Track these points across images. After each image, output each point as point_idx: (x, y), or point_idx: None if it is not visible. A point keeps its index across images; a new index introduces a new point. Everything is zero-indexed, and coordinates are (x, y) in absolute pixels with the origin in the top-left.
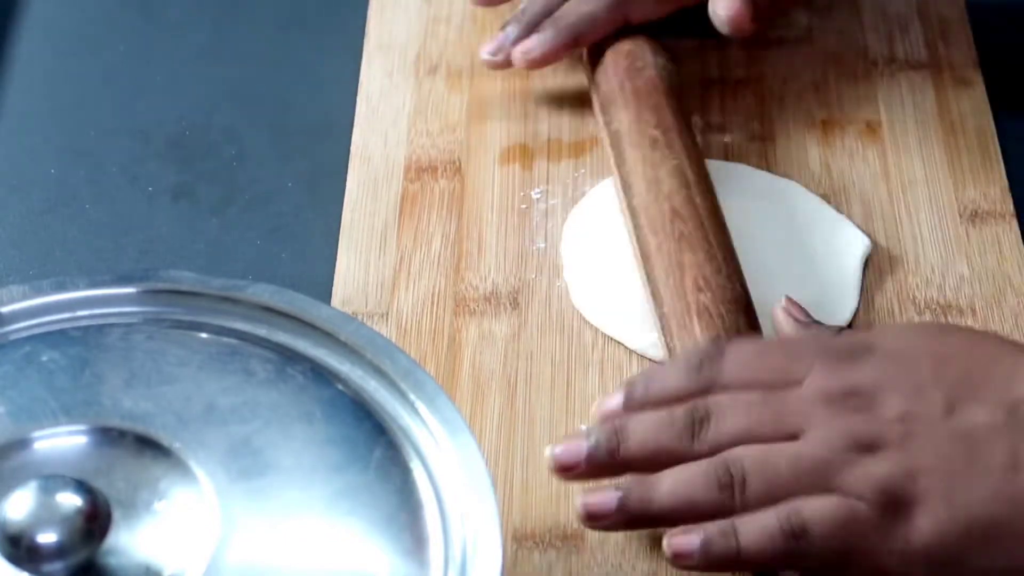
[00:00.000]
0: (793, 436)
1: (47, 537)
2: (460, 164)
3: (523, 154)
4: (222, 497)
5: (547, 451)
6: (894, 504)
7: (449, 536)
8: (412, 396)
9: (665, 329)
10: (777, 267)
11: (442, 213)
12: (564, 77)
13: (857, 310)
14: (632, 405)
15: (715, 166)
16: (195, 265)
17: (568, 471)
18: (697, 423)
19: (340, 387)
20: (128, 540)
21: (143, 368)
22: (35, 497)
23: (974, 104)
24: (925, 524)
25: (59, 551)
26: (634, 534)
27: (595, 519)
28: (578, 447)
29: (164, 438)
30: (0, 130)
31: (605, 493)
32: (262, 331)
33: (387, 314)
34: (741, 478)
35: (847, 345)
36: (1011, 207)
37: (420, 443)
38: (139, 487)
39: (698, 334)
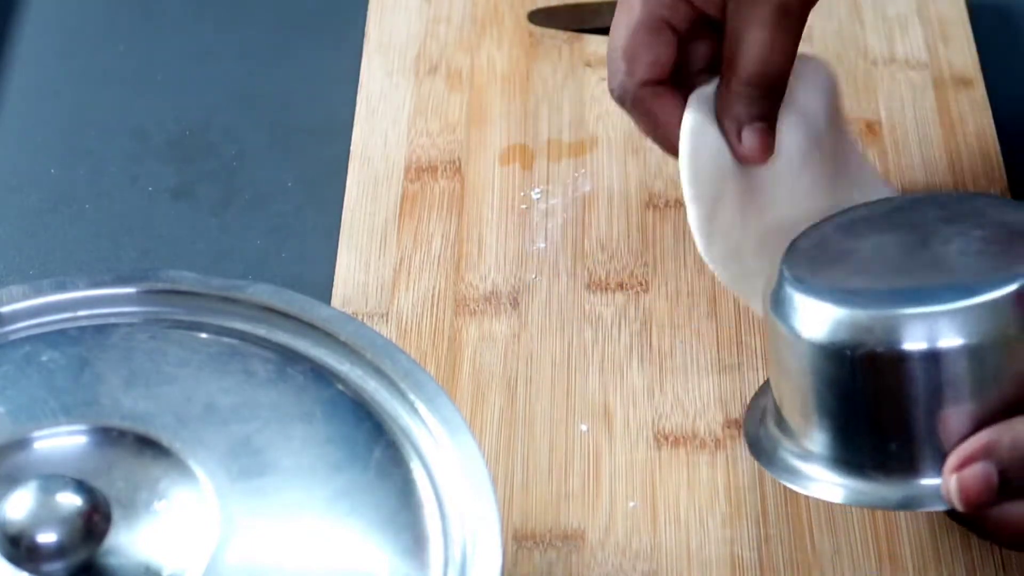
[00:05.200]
0: None
1: (47, 537)
2: (460, 164)
3: (523, 154)
4: (222, 497)
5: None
6: None
7: (449, 536)
8: (412, 396)
9: None
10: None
11: (442, 213)
12: (564, 77)
13: None
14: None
15: None
16: (195, 265)
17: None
18: None
19: (340, 387)
20: (128, 540)
21: (143, 368)
22: (35, 497)
23: (974, 104)
24: None
25: (59, 551)
26: (634, 535)
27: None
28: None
29: (164, 438)
30: (0, 130)
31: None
32: (262, 331)
33: (387, 314)
34: None
35: None
36: None
37: (420, 443)
38: (139, 487)
39: None
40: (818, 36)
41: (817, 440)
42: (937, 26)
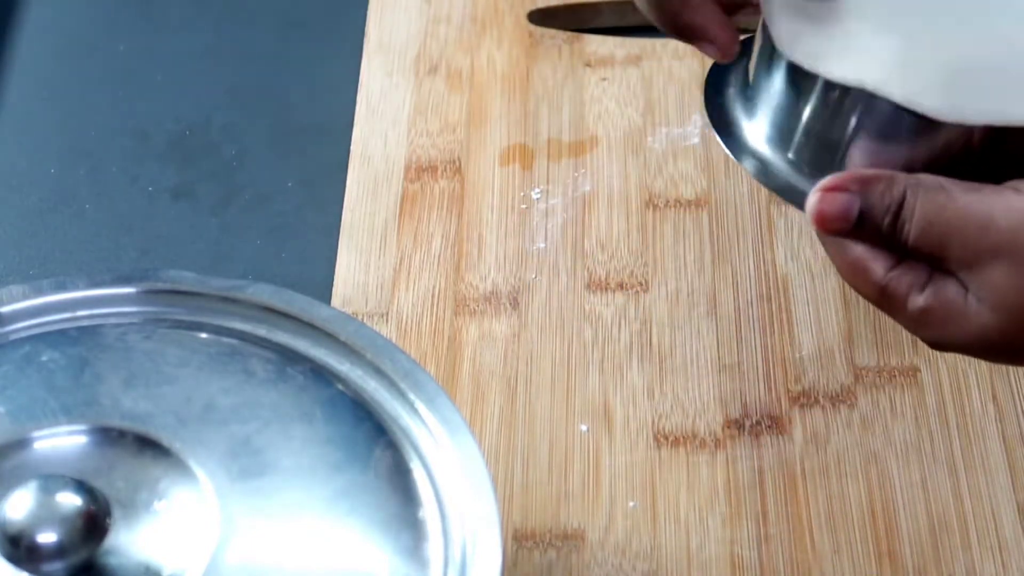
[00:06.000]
0: None
1: (47, 537)
2: (460, 164)
3: (523, 154)
4: (222, 497)
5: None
6: None
7: (449, 536)
8: (412, 396)
9: None
10: None
11: (442, 213)
12: (564, 77)
13: None
14: None
15: None
16: (195, 265)
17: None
18: None
19: (340, 387)
20: (128, 540)
21: (143, 368)
22: (35, 497)
23: None
24: None
25: (59, 551)
26: (634, 535)
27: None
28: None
29: (164, 438)
30: (0, 130)
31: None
32: (262, 331)
33: (387, 314)
34: None
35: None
36: None
37: (420, 443)
38: (139, 487)
39: None
40: None
41: (761, 106)
42: None
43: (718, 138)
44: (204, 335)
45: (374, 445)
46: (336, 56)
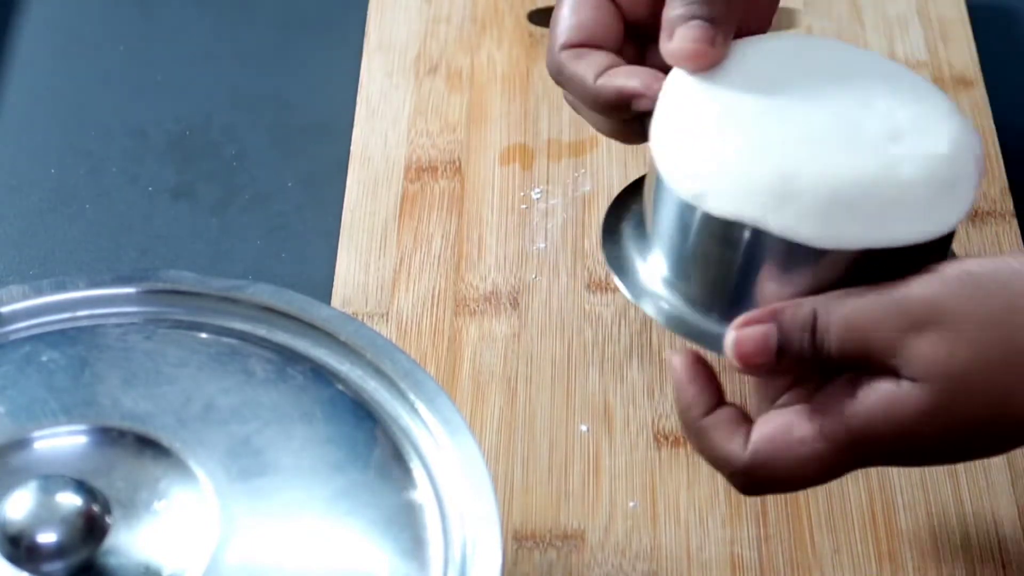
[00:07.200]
0: None
1: (47, 537)
2: (460, 164)
3: (523, 154)
4: (222, 497)
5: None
6: None
7: (449, 536)
8: (412, 396)
9: None
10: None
11: (442, 213)
12: None
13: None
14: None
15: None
16: (195, 265)
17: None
18: None
19: (340, 387)
20: (128, 540)
21: (143, 368)
22: (35, 497)
23: (974, 104)
24: None
25: (59, 551)
26: (634, 535)
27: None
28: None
29: (164, 438)
30: (0, 130)
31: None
32: (262, 331)
33: (387, 314)
34: None
35: None
36: (1011, 207)
37: (420, 443)
38: (139, 487)
39: None
40: (818, 36)
41: (657, 258)
42: (937, 26)
43: (617, 281)
44: (204, 335)
45: (374, 445)
46: (336, 56)
